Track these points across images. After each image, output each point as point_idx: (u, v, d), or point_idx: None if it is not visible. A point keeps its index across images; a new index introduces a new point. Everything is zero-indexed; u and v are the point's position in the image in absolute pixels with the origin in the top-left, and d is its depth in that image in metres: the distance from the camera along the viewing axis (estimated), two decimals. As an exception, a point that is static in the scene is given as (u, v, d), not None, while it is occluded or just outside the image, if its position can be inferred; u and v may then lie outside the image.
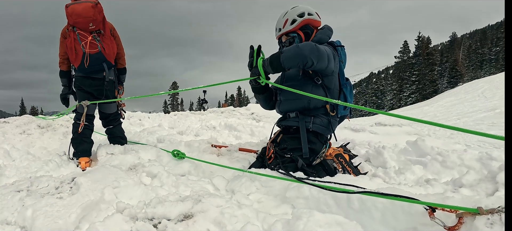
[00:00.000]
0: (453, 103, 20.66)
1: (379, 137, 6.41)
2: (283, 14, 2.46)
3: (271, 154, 2.44)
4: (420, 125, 12.40)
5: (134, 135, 4.63)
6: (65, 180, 2.21)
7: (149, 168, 2.50)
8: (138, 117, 6.82)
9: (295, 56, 2.03)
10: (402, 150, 2.75)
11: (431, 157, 2.44)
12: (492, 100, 17.57)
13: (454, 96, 24.73)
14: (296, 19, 2.39)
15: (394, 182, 2.16)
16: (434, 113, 16.97)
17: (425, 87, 45.41)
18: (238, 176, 2.23)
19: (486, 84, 24.93)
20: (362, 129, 7.06)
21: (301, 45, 2.06)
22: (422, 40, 47.98)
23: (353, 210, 1.50)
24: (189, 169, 2.66)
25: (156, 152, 3.10)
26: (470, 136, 8.43)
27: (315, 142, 2.33)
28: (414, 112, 19.87)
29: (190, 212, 1.68)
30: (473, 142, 7.19)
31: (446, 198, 1.25)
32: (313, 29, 2.44)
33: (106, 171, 2.38)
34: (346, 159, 2.32)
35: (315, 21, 2.43)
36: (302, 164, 2.23)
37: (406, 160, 2.53)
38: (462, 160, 2.24)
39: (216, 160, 2.89)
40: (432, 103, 24.84)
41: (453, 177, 2.04)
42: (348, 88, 2.46)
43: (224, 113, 8.15)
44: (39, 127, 5.02)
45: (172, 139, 4.03)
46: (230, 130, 5.29)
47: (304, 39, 2.40)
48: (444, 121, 13.07)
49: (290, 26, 2.39)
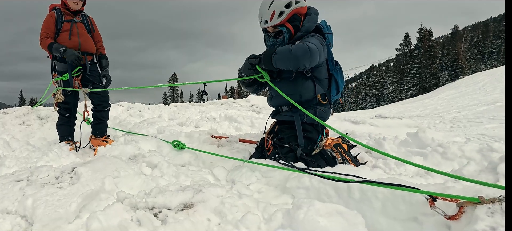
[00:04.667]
0: (454, 96, 20.64)
1: (380, 129, 6.40)
2: (268, 3, 2.31)
3: (270, 145, 2.44)
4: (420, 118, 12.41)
5: (134, 126, 4.62)
6: (65, 170, 2.21)
7: (149, 158, 2.50)
8: (138, 108, 6.81)
9: (288, 60, 2.08)
10: (402, 142, 2.74)
11: (431, 149, 2.43)
12: (493, 93, 17.54)
13: (455, 89, 24.69)
14: (284, 10, 2.28)
15: (395, 172, 2.16)
16: (434, 106, 16.97)
17: (425, 80, 45.29)
18: (239, 166, 2.24)
19: (487, 77, 24.88)
20: (363, 121, 7.04)
21: (295, 49, 2.06)
22: (424, 33, 47.67)
23: (354, 199, 1.50)
24: (189, 160, 2.66)
25: (156, 142, 3.09)
26: (470, 128, 8.47)
27: (311, 130, 2.36)
28: (415, 105, 19.86)
29: (191, 201, 1.68)
30: (473, 135, 7.21)
31: (447, 188, 1.25)
32: (300, 17, 2.36)
33: (107, 161, 2.37)
34: (345, 148, 2.32)
35: (302, 8, 2.35)
36: (301, 153, 2.25)
37: (407, 152, 2.52)
38: (462, 151, 2.24)
39: (217, 151, 2.89)
40: (432, 96, 24.80)
41: (453, 168, 2.04)
42: (338, 72, 2.47)
43: (224, 105, 8.13)
44: (39, 118, 5.02)
45: (172, 130, 4.03)
46: (230, 121, 5.28)
47: (293, 32, 2.34)
48: (444, 113, 13.06)
49: (278, 19, 2.30)
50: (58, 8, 3.38)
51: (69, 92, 3.44)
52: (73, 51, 3.22)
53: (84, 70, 3.47)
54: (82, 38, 3.40)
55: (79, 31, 3.39)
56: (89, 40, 3.49)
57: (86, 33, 3.47)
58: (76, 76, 3.44)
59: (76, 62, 3.29)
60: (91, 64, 3.55)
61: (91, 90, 3.44)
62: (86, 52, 3.45)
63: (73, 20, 3.37)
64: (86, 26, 3.49)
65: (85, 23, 3.48)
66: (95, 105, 3.57)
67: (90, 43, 3.50)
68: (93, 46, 3.54)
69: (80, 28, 3.40)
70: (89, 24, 3.54)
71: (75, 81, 3.44)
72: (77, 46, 3.36)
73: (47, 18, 3.32)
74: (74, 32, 3.34)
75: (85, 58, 3.44)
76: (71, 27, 3.33)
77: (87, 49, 3.46)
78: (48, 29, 3.29)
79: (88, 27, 3.52)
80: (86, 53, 3.45)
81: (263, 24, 2.40)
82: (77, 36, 3.36)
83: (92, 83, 3.50)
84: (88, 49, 3.47)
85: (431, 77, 45.12)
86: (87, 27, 3.49)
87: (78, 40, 3.36)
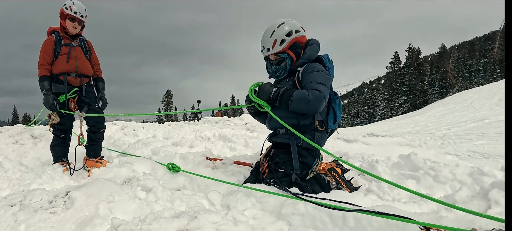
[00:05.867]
0: (443, 113, 21.01)
1: (372, 148, 6.47)
2: (270, 32, 2.43)
3: (265, 168, 2.46)
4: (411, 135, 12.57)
5: (128, 146, 4.59)
6: (59, 194, 2.18)
7: (144, 181, 2.48)
8: (132, 127, 6.77)
9: (304, 106, 2.20)
10: (395, 164, 2.79)
11: (423, 171, 2.48)
12: (481, 110, 17.94)
13: (444, 106, 25.16)
14: (285, 39, 2.39)
15: (388, 197, 2.19)
16: (425, 123, 17.19)
17: (416, 97, 46.08)
18: (234, 190, 2.23)
19: (474, 95, 25.49)
20: (355, 139, 7.12)
21: (312, 100, 2.16)
22: (412, 51, 48.85)
23: (349, 228, 1.52)
24: (184, 183, 2.65)
25: (151, 164, 3.08)
26: (460, 145, 8.61)
27: (306, 155, 2.39)
28: (406, 122, 20.10)
29: (186, 228, 1.67)
30: (463, 152, 7.33)
31: (441, 218, 1.28)
32: (301, 46, 2.48)
33: (101, 184, 2.35)
34: (339, 173, 2.34)
35: (302, 37, 2.47)
36: (296, 178, 2.27)
37: (399, 174, 2.56)
38: (454, 174, 2.29)
39: (211, 173, 2.88)
40: (423, 113, 25.18)
41: (446, 192, 2.08)
42: (336, 102, 2.53)
43: (218, 123, 8.15)
44: (33, 137, 4.97)
45: (167, 151, 4.01)
46: (224, 141, 5.28)
47: (295, 59, 2.44)
48: (435, 130, 13.26)
49: (279, 47, 2.40)
50: (57, 31, 3.45)
51: (65, 114, 3.44)
52: (50, 99, 3.27)
53: (80, 92, 3.49)
54: (80, 62, 3.46)
55: (77, 54, 3.45)
56: (86, 63, 3.55)
57: (83, 56, 3.53)
58: (72, 98, 3.46)
59: (51, 109, 3.36)
60: (87, 86, 3.59)
61: (87, 115, 3.46)
62: (83, 75, 3.51)
63: (71, 44, 3.44)
64: (84, 50, 3.56)
65: (82, 47, 3.55)
66: (90, 127, 3.56)
67: (87, 66, 3.56)
68: (90, 69, 3.60)
69: (77, 51, 3.47)
70: (87, 48, 3.61)
71: (71, 103, 3.46)
72: (74, 69, 3.42)
73: (46, 42, 3.37)
74: (71, 56, 3.40)
75: (82, 80, 3.50)
76: (69, 51, 3.40)
77: (84, 72, 3.52)
78: (46, 54, 3.34)
79: (86, 51, 3.58)
80: (83, 76, 3.51)
81: (265, 52, 2.49)
82: (74, 59, 3.41)
83: (88, 105, 3.52)
84: (85, 72, 3.52)
85: (421, 94, 45.96)
86: (84, 51, 3.56)
87: (75, 63, 3.41)
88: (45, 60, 3.34)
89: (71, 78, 3.42)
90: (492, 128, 11.14)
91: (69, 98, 3.44)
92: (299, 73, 2.38)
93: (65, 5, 3.33)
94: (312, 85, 2.24)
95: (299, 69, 2.40)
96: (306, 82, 2.29)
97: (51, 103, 3.28)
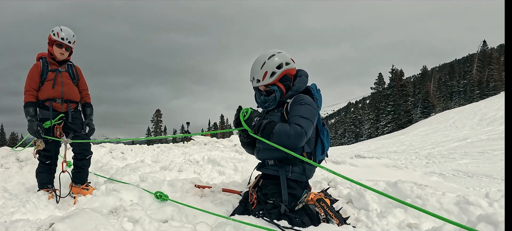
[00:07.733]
0: (427, 132, 21.56)
1: (360, 170, 6.56)
2: (261, 63, 2.42)
3: (254, 199, 2.45)
4: (397, 154, 12.80)
5: (116, 172, 4.48)
6: (43, 226, 2.12)
7: (131, 212, 2.43)
8: (120, 149, 6.64)
9: (285, 141, 2.18)
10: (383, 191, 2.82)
11: (411, 200, 2.51)
12: (463, 130, 18.54)
13: (428, 126, 25.87)
14: (275, 71, 2.40)
15: (377, 227, 2.20)
16: (410, 142, 17.57)
17: (400, 117, 47.18)
18: (222, 223, 2.19)
19: (456, 115, 26.40)
20: (343, 161, 7.21)
21: (293, 136, 2.17)
22: (396, 73, 50.39)
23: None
24: (172, 213, 2.59)
25: (138, 192, 3.02)
26: (445, 164, 8.83)
27: (295, 187, 2.38)
28: (392, 141, 20.48)
29: (175, 266, 1.64)
30: (447, 171, 7.52)
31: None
32: (291, 78, 2.51)
33: (86, 216, 2.29)
34: (327, 203, 2.34)
35: (292, 69, 2.50)
36: (285, 210, 2.25)
37: (387, 202, 2.59)
38: (441, 204, 2.33)
39: (200, 202, 2.84)
40: (407, 132, 25.77)
41: (434, 222, 2.11)
42: (325, 134, 2.55)
43: (207, 145, 8.10)
44: (18, 161, 4.84)
45: (155, 177, 3.95)
46: (213, 165, 5.24)
47: (285, 91, 2.47)
48: (419, 149, 13.55)
49: (270, 79, 2.41)
50: (44, 57, 3.42)
51: (50, 140, 3.36)
52: (34, 126, 3.22)
53: (67, 118, 3.44)
54: (66, 88, 3.41)
55: (63, 80, 3.41)
56: (73, 89, 3.50)
57: (70, 82, 3.48)
58: (58, 124, 3.40)
59: (35, 136, 3.30)
60: (74, 112, 3.53)
61: (73, 141, 3.39)
62: (69, 100, 3.46)
63: (58, 69, 3.40)
64: (71, 75, 3.51)
65: (70, 73, 3.51)
66: (76, 154, 3.48)
67: (74, 92, 3.51)
68: (77, 94, 3.55)
69: (64, 77, 3.42)
70: (75, 73, 3.57)
71: (56, 129, 3.39)
72: (60, 95, 3.37)
73: (33, 68, 3.34)
74: (58, 82, 3.36)
75: (68, 106, 3.44)
76: (55, 77, 3.35)
77: (70, 97, 3.46)
78: (32, 80, 3.31)
79: (73, 76, 3.54)
80: (69, 101, 3.45)
81: (255, 83, 2.49)
82: (60, 85, 3.37)
83: (73, 131, 3.45)
84: (71, 98, 3.47)
85: (405, 114, 47.12)
86: (72, 76, 3.52)
87: (61, 89, 3.37)
88: (30, 86, 3.30)
89: (57, 104, 3.37)
90: (474, 147, 11.49)
91: (55, 124, 3.37)
92: (288, 105, 2.41)
93: (53, 31, 3.32)
94: (295, 119, 2.25)
95: (289, 101, 2.43)
96: (291, 115, 2.31)
97: (35, 130, 3.22)
